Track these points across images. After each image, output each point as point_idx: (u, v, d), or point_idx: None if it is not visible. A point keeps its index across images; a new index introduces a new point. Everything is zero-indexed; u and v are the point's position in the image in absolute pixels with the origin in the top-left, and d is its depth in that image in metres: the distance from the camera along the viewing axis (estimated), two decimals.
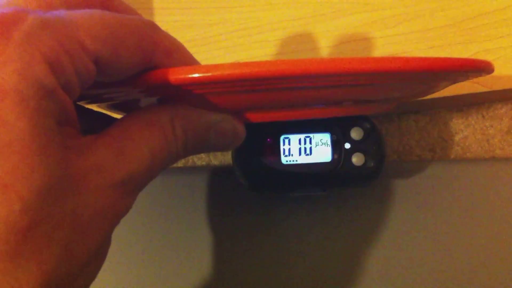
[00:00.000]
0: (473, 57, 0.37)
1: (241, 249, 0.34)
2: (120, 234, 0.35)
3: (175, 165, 0.39)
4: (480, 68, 0.22)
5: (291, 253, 0.34)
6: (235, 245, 0.34)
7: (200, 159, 0.39)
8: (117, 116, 0.23)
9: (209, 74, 0.17)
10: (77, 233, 0.16)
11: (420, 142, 0.38)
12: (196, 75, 0.17)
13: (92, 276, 0.18)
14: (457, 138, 0.38)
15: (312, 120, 0.29)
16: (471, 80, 0.36)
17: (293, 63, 0.17)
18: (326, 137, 0.29)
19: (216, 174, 0.36)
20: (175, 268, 0.34)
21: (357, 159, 0.29)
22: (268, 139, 0.29)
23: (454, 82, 0.26)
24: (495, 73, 0.36)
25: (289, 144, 0.29)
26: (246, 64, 0.17)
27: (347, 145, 0.29)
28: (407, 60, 0.18)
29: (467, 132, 0.38)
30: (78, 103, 0.22)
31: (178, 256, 0.35)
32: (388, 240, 0.34)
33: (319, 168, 0.29)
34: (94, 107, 0.24)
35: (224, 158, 0.39)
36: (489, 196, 0.34)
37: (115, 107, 0.24)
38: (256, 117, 0.23)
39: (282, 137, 0.29)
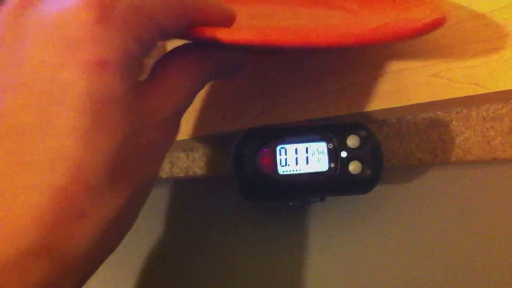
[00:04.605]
0: (472, 58, 0.37)
1: (239, 258, 0.34)
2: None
3: (173, 175, 0.39)
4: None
5: (290, 262, 0.34)
6: (233, 254, 0.34)
7: (201, 169, 0.39)
8: None
9: (228, 38, 0.22)
10: (148, 161, 0.22)
11: (420, 145, 0.37)
12: (217, 37, 0.22)
13: (139, 209, 0.25)
14: (457, 140, 0.37)
15: (308, 130, 0.29)
16: (471, 81, 0.36)
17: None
18: (322, 146, 0.29)
19: (214, 184, 0.36)
20: (171, 278, 0.35)
21: (354, 167, 0.29)
22: (265, 150, 0.29)
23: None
24: (495, 74, 0.36)
25: (285, 154, 0.29)
26: (257, 33, 0.22)
27: (344, 154, 0.29)
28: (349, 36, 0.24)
29: (467, 134, 0.37)
30: None
31: (175, 265, 0.35)
32: (390, 246, 0.34)
33: (316, 178, 0.29)
34: None
35: (217, 168, 0.39)
36: (491, 199, 0.34)
37: None
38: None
39: (278, 148, 0.29)
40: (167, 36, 0.23)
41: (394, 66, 0.37)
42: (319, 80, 0.37)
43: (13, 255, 0.18)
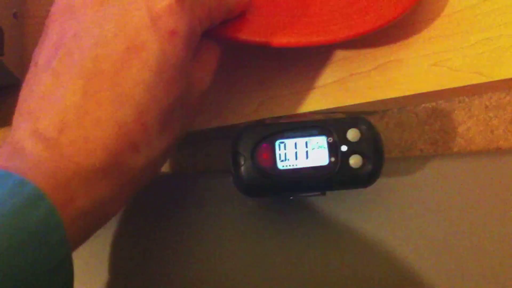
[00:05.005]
0: (473, 47, 0.36)
1: (239, 253, 0.34)
2: (118, 238, 0.35)
3: (173, 170, 0.39)
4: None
5: (292, 256, 0.34)
6: (233, 249, 0.34)
7: (201, 164, 0.39)
8: None
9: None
10: (187, 121, 0.29)
11: (422, 135, 0.37)
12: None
13: (169, 156, 0.29)
14: (460, 130, 0.37)
15: (307, 124, 0.29)
16: (472, 70, 0.35)
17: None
18: (322, 140, 0.29)
19: (214, 179, 0.35)
20: (172, 272, 0.34)
21: (354, 161, 0.28)
22: (264, 144, 0.29)
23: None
24: (497, 62, 0.35)
25: (284, 148, 0.29)
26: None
27: (344, 148, 0.28)
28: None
29: (470, 123, 0.37)
30: None
31: (175, 260, 0.35)
32: (392, 238, 0.33)
33: (316, 172, 0.28)
34: None
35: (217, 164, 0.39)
36: (494, 190, 0.34)
37: None
38: None
39: (277, 142, 0.29)
40: (212, 24, 0.29)
41: (394, 56, 0.36)
42: (318, 71, 0.36)
43: (85, 170, 0.23)
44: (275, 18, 0.32)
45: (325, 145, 0.28)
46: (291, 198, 0.31)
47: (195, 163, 0.39)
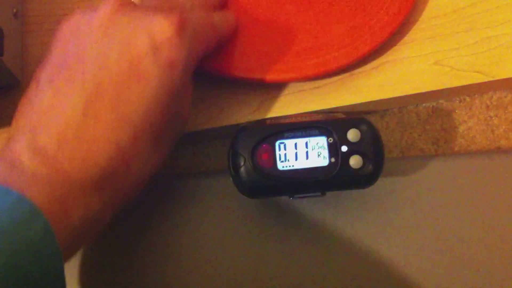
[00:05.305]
0: (474, 46, 0.36)
1: (240, 253, 0.34)
2: (118, 239, 0.35)
3: (173, 171, 0.39)
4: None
5: (292, 256, 0.34)
6: (233, 249, 0.34)
7: (201, 164, 0.39)
8: None
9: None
10: (176, 137, 0.31)
11: (423, 135, 0.37)
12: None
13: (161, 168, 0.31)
14: (461, 129, 0.37)
15: (307, 124, 0.29)
16: (473, 69, 0.35)
17: None
18: (322, 141, 0.28)
19: (214, 180, 0.35)
20: (172, 273, 0.34)
21: (354, 162, 0.28)
22: (264, 145, 0.29)
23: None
24: (498, 61, 0.35)
25: (284, 149, 0.28)
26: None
27: (344, 148, 0.28)
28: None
29: (471, 123, 0.37)
30: None
31: (175, 261, 0.35)
32: (393, 238, 0.33)
33: (316, 173, 0.28)
34: None
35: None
36: (495, 189, 0.33)
37: None
38: None
39: (277, 143, 0.29)
40: (208, 50, 0.32)
41: (395, 55, 0.36)
42: None
43: (80, 187, 0.25)
44: (267, 55, 0.35)
45: (325, 145, 0.28)
46: (291, 198, 0.31)
47: (195, 163, 0.39)
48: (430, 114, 0.37)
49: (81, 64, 0.26)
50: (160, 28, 0.27)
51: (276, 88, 0.36)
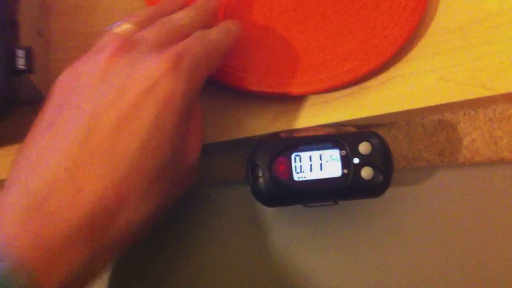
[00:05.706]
0: (478, 61, 0.38)
1: (256, 260, 0.35)
2: (138, 248, 0.36)
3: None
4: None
5: (305, 262, 0.35)
6: (250, 256, 0.35)
7: (217, 174, 0.40)
8: None
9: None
10: (180, 182, 0.30)
11: (429, 147, 0.39)
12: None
13: (160, 217, 0.30)
14: (465, 141, 0.38)
15: (321, 138, 0.31)
16: (477, 84, 0.37)
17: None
18: (335, 153, 0.30)
19: (232, 189, 0.37)
20: (189, 279, 0.36)
21: (366, 173, 0.30)
22: (280, 157, 0.30)
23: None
24: (501, 76, 0.37)
25: (300, 161, 0.30)
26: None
27: (356, 160, 0.30)
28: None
29: (475, 135, 0.39)
30: None
31: (192, 267, 0.36)
32: (401, 247, 0.35)
33: (329, 183, 0.30)
34: None
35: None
36: (500, 200, 0.35)
37: None
38: None
39: (293, 155, 0.30)
40: (213, 69, 0.31)
41: (402, 71, 0.38)
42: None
43: (67, 236, 0.24)
44: (279, 69, 0.37)
45: (338, 157, 0.30)
46: (306, 207, 0.33)
47: (210, 174, 0.40)
48: (436, 126, 0.39)
49: (78, 106, 0.26)
50: (156, 66, 0.27)
51: (289, 101, 0.38)
